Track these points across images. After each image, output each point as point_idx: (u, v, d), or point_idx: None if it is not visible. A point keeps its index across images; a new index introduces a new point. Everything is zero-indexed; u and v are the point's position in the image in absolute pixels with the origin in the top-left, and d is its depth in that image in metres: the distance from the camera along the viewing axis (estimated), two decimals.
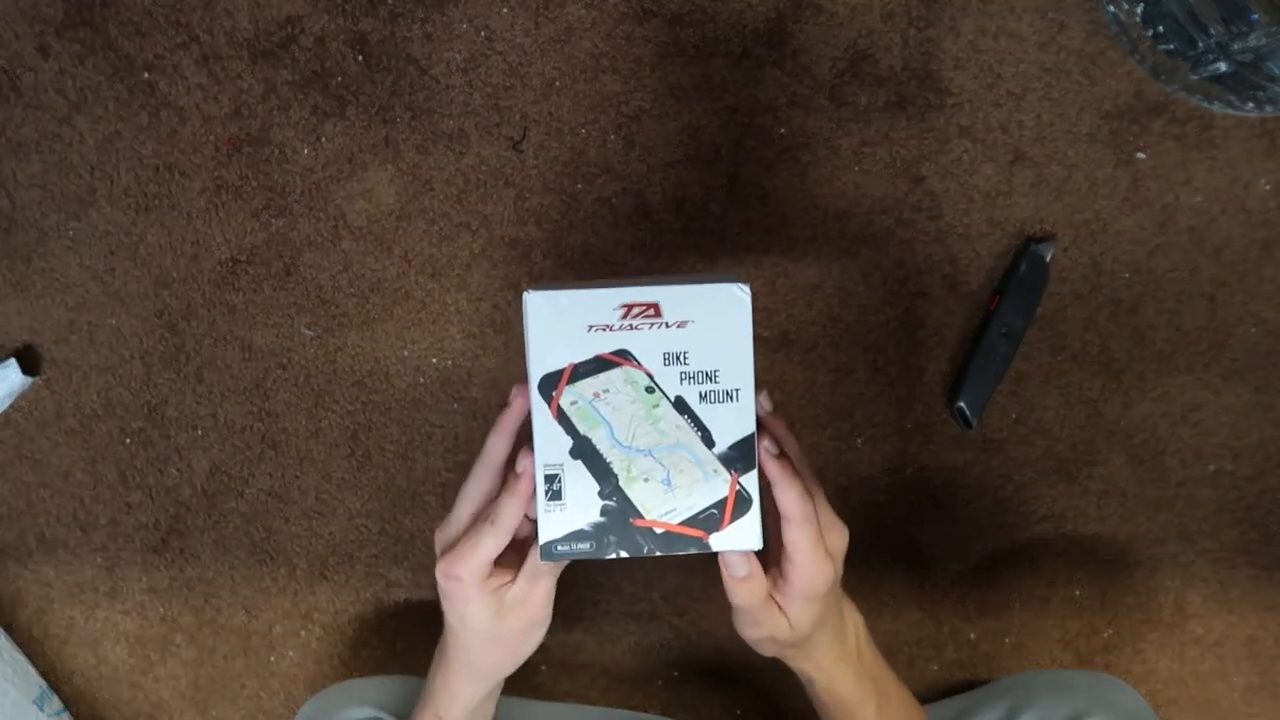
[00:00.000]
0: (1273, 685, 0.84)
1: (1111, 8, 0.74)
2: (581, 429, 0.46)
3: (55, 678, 0.86)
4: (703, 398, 0.46)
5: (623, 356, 0.46)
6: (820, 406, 0.81)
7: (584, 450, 0.46)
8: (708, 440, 0.46)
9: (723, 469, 0.46)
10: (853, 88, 0.77)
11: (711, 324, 0.45)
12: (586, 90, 0.78)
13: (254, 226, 0.80)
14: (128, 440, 0.83)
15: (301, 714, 0.75)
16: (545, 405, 0.46)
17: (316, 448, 0.83)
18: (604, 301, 0.45)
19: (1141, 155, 0.77)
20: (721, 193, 0.79)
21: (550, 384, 0.46)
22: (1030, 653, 0.83)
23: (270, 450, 0.83)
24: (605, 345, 0.45)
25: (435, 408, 0.82)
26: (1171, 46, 0.72)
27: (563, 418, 0.46)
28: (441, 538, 0.51)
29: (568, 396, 0.46)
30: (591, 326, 0.45)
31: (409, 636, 0.84)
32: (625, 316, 0.45)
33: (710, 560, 0.48)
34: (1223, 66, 0.69)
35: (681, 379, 0.46)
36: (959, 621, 0.83)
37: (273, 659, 0.86)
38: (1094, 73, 0.76)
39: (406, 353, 0.81)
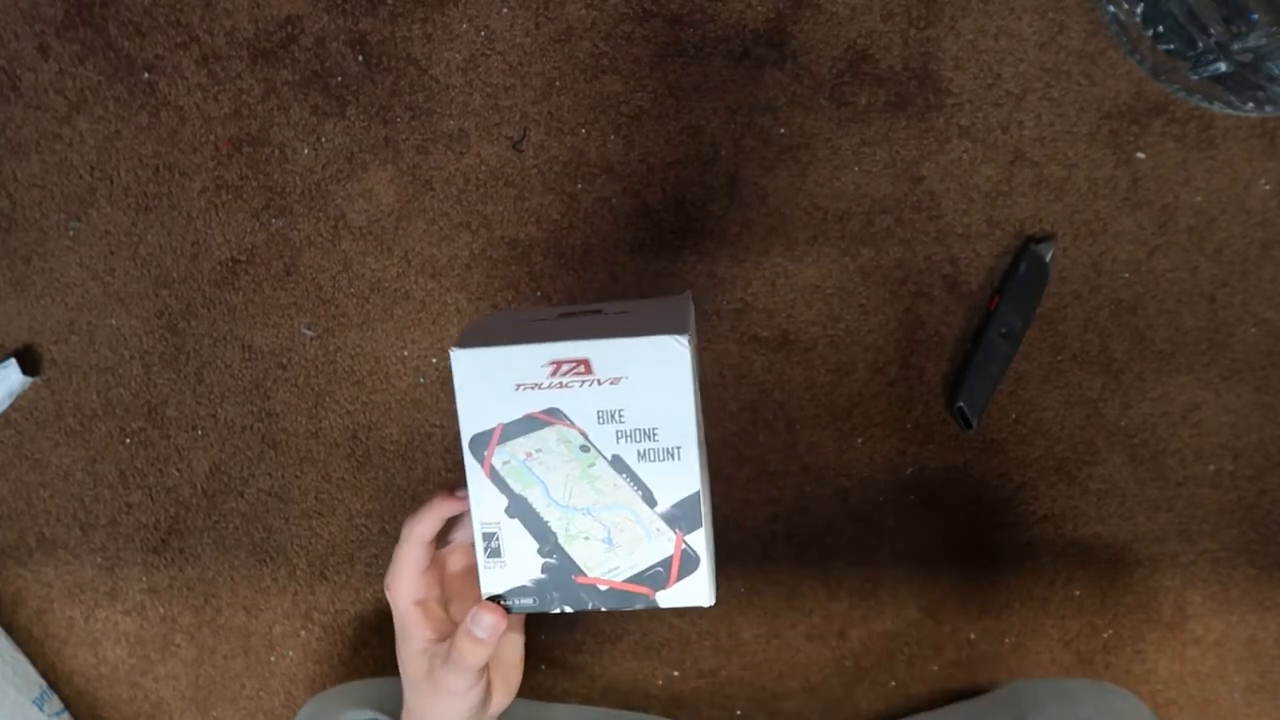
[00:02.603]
0: (1273, 685, 0.84)
1: (1111, 8, 0.74)
2: (516, 488, 0.45)
3: (55, 678, 0.86)
4: (641, 456, 0.44)
5: (554, 415, 0.44)
6: (820, 406, 0.81)
7: (520, 509, 0.45)
8: (649, 499, 0.44)
9: (666, 528, 0.45)
10: (853, 88, 0.77)
11: (647, 379, 0.43)
12: (586, 90, 0.78)
13: (254, 226, 0.80)
14: (128, 440, 0.83)
15: (301, 715, 0.75)
16: (478, 464, 0.44)
17: (316, 448, 0.83)
18: (531, 359, 0.43)
19: (1141, 155, 0.77)
20: (721, 193, 0.79)
21: (481, 443, 0.44)
22: (1030, 653, 0.83)
23: (270, 450, 0.83)
24: (535, 404, 0.44)
25: (435, 408, 0.82)
26: (1171, 46, 0.72)
27: (496, 477, 0.45)
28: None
29: (499, 456, 0.44)
30: (520, 385, 0.43)
31: None
32: (554, 374, 0.43)
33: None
34: (1223, 66, 0.69)
35: (618, 437, 0.44)
36: (959, 621, 0.83)
37: (273, 659, 0.86)
38: (1094, 73, 0.76)
39: (406, 353, 0.81)
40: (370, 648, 0.85)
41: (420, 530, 0.48)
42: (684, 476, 0.44)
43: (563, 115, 0.78)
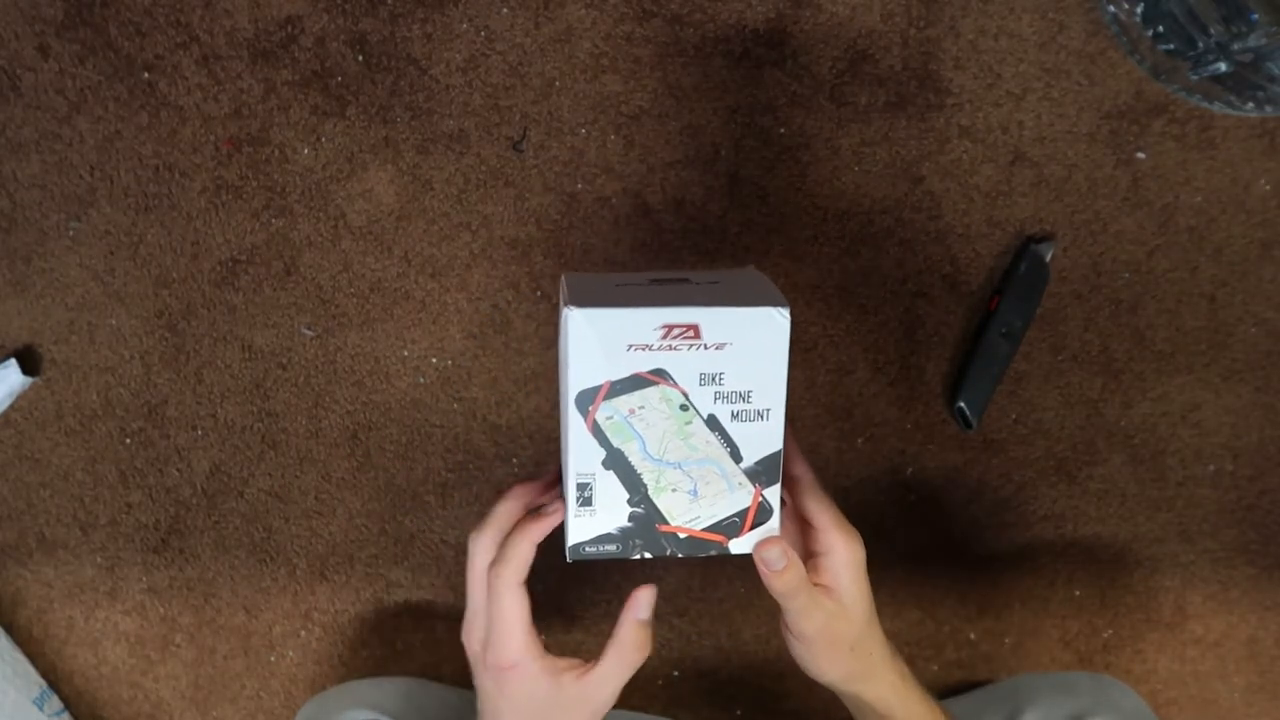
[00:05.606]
0: (1273, 685, 0.84)
1: (1111, 8, 0.74)
2: (615, 442, 0.46)
3: (55, 678, 0.86)
4: (734, 416, 0.47)
5: (660, 376, 0.46)
6: (820, 406, 0.81)
7: (616, 462, 0.47)
8: (735, 456, 0.47)
9: (747, 482, 0.47)
10: (853, 88, 0.77)
11: (749, 346, 0.46)
12: (586, 90, 0.78)
13: (254, 226, 0.80)
14: (128, 440, 0.83)
15: (301, 715, 0.75)
16: (581, 419, 0.46)
17: (316, 448, 0.83)
18: (645, 321, 0.45)
19: (1141, 155, 0.77)
20: (721, 193, 0.79)
21: (587, 399, 0.46)
22: (1030, 653, 0.83)
23: (270, 450, 0.83)
24: (643, 364, 0.45)
25: (435, 408, 0.82)
26: (1171, 46, 0.72)
27: (597, 431, 0.46)
28: (469, 629, 0.50)
29: (604, 412, 0.46)
30: (631, 345, 0.45)
31: (409, 637, 0.84)
32: (665, 337, 0.45)
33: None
34: (1223, 66, 0.69)
35: (715, 398, 0.46)
36: (959, 621, 0.83)
37: (273, 659, 0.86)
38: (1094, 73, 0.76)
39: (406, 353, 0.81)
40: (370, 648, 0.85)
41: (527, 561, 0.48)
42: (770, 436, 0.47)
43: (563, 115, 0.78)
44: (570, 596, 0.83)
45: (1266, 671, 0.84)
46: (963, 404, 0.78)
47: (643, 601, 0.49)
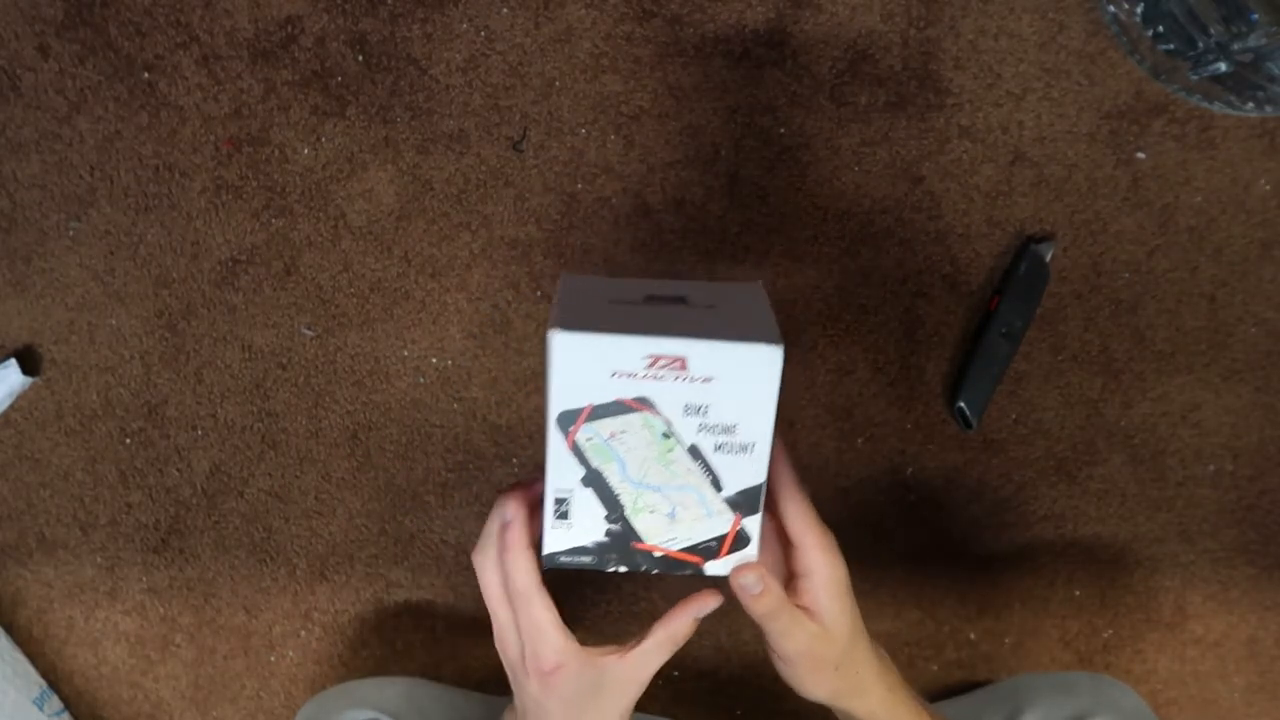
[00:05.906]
0: (1273, 685, 0.84)
1: (1111, 8, 0.74)
2: (594, 463, 0.46)
3: (55, 678, 0.86)
4: (718, 448, 0.46)
5: (643, 403, 0.45)
6: (820, 406, 0.81)
7: (595, 481, 0.46)
8: (716, 485, 0.46)
9: (727, 510, 0.47)
10: (853, 88, 0.77)
11: (738, 381, 0.45)
12: (586, 90, 0.78)
13: (254, 226, 0.80)
14: (128, 440, 0.83)
15: (301, 715, 0.75)
16: (562, 437, 0.45)
17: (316, 448, 0.83)
18: (631, 350, 0.44)
19: (1141, 155, 0.77)
20: (721, 193, 0.79)
21: (568, 419, 0.45)
22: (1030, 653, 0.83)
23: (270, 450, 0.83)
24: (627, 391, 0.45)
25: (435, 408, 0.82)
26: (1171, 46, 0.72)
27: (577, 450, 0.46)
28: (503, 644, 0.50)
29: (584, 433, 0.45)
30: (615, 373, 0.44)
31: (409, 637, 0.84)
32: (651, 366, 0.44)
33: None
34: (1223, 66, 0.69)
35: (699, 429, 0.45)
36: (959, 621, 0.83)
37: (273, 659, 0.86)
38: (1094, 73, 0.76)
39: (406, 353, 0.81)
40: (370, 648, 0.85)
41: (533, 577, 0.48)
42: (753, 469, 0.46)
43: (563, 115, 0.78)
44: (570, 597, 0.83)
45: (1266, 671, 0.84)
46: (963, 404, 0.78)
47: (709, 605, 0.51)
